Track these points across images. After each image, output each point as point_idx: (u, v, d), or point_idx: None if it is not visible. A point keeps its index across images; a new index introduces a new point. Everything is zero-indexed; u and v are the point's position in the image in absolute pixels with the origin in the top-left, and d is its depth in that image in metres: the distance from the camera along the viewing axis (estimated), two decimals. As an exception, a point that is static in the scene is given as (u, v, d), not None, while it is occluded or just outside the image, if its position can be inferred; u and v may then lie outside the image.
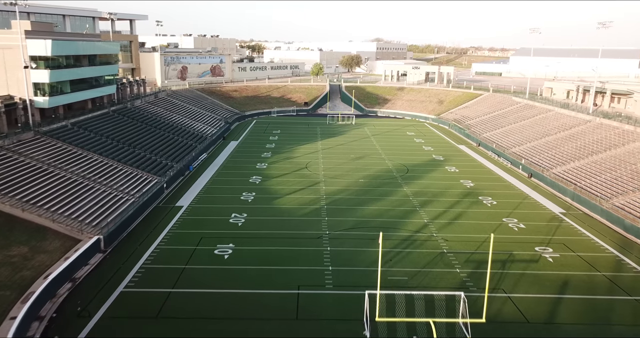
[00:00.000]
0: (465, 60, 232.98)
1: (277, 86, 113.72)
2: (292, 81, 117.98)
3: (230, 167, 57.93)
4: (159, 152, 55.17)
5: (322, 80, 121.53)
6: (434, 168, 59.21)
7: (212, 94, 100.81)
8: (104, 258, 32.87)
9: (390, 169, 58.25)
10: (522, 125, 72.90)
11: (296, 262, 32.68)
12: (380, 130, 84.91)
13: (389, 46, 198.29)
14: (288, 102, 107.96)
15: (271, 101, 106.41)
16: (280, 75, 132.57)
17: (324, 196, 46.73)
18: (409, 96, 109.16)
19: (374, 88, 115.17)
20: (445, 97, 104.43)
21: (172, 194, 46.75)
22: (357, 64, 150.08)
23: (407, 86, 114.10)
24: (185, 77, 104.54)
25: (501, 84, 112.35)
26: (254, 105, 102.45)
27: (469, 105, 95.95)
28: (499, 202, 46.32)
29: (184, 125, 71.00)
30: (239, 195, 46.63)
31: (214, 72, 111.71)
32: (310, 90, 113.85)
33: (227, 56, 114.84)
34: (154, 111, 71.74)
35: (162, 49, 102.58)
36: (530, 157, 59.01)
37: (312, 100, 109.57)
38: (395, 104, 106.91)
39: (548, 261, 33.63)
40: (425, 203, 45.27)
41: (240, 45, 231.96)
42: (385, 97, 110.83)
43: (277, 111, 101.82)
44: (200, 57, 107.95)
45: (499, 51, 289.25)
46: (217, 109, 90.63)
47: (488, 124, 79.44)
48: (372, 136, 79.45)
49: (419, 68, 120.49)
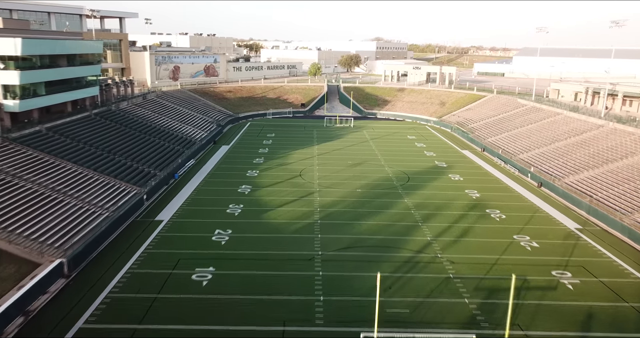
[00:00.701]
0: (467, 60, 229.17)
1: (273, 87, 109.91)
2: (289, 81, 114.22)
3: (219, 174, 54.11)
4: (142, 159, 51.35)
5: (320, 81, 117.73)
6: (436, 176, 55.41)
7: (205, 95, 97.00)
8: (67, 285, 29.07)
9: (389, 177, 54.45)
10: (529, 129, 69.08)
11: (284, 290, 28.88)
12: (379, 134, 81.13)
13: (389, 45, 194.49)
14: (284, 103, 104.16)
15: (267, 102, 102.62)
16: (277, 75, 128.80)
17: (318, 209, 42.95)
18: (410, 97, 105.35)
19: (374, 89, 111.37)
20: (447, 99, 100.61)
21: (153, 207, 42.94)
22: (356, 64, 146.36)
23: (408, 87, 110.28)
24: (178, 78, 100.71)
25: (505, 85, 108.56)
26: (249, 106, 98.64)
27: (472, 107, 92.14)
28: (509, 215, 42.53)
29: (172, 128, 67.19)
30: (225, 207, 42.83)
31: (208, 72, 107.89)
32: (308, 91, 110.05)
33: (222, 55, 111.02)
34: (141, 114, 67.91)
35: (153, 48, 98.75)
36: (539, 165, 55.22)
37: (309, 101, 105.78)
38: (395, 106, 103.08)
39: (567, 288, 29.85)
40: (428, 218, 41.48)
41: (237, 44, 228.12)
42: (384, 98, 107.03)
43: (273, 113, 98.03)
44: (193, 57, 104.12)
45: (500, 51, 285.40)
46: (210, 111, 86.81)
47: (493, 128, 75.61)
48: (371, 140, 75.66)
49: (420, 68, 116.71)
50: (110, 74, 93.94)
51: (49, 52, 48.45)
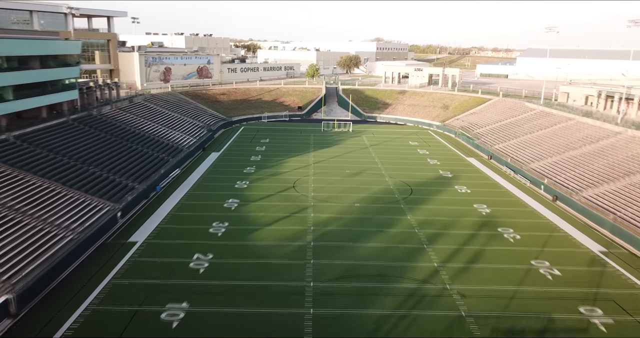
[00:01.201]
0: (469, 61, 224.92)
1: (269, 89, 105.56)
2: (285, 83, 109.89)
3: (205, 187, 49.74)
4: (121, 170, 47.00)
5: (318, 83, 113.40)
6: (441, 188, 51.05)
7: (197, 97, 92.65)
8: (12, 327, 24.76)
9: (391, 188, 50.10)
10: (540, 136, 64.74)
11: (268, 332, 24.56)
12: (379, 139, 76.79)
13: (390, 46, 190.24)
14: (280, 106, 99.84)
15: (262, 105, 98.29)
16: (274, 77, 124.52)
17: (312, 228, 38.59)
18: (411, 100, 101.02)
19: (374, 91, 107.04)
20: (450, 102, 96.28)
21: (127, 225, 38.58)
22: (355, 65, 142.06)
23: (409, 89, 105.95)
24: (169, 79, 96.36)
25: (510, 88, 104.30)
26: (243, 109, 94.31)
27: (477, 111, 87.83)
28: (524, 236, 38.18)
29: (158, 135, 62.83)
30: (208, 226, 38.49)
31: (201, 73, 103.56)
32: (305, 93, 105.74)
33: (216, 56, 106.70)
34: (125, 119, 63.57)
35: (143, 49, 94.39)
36: (553, 176, 50.86)
37: (306, 104, 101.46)
38: (396, 109, 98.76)
39: (600, 330, 25.52)
40: (434, 238, 37.13)
41: (235, 44, 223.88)
42: (385, 101, 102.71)
43: (268, 116, 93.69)
44: (185, 58, 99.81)
45: (502, 52, 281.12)
46: (201, 115, 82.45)
47: (500, 134, 71.27)
48: (371, 146, 71.32)
49: (422, 70, 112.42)
50: (99, 76, 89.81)
51: (15, 53, 44.10)
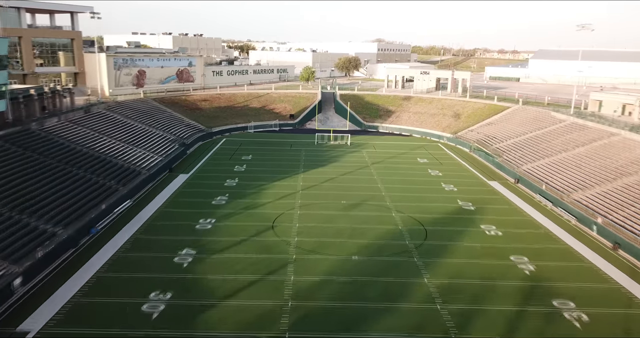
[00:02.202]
0: (474, 63, 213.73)
1: (257, 94, 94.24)
2: (276, 88, 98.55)
3: (156, 228, 38.32)
4: (43, 209, 35.62)
5: (313, 87, 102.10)
6: (464, 228, 39.66)
7: (174, 104, 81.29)
8: None
9: (399, 230, 38.72)
10: (578, 155, 53.38)
11: None
12: (382, 155, 65.47)
13: (391, 47, 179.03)
14: (270, 114, 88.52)
15: (249, 113, 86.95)
16: (266, 80, 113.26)
17: (289, 303, 27.17)
18: (417, 108, 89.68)
19: (375, 97, 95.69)
20: (462, 110, 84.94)
21: (27, 299, 27.15)
22: (355, 68, 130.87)
23: (415, 95, 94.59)
24: (143, 84, 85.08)
25: (525, 93, 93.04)
26: (227, 118, 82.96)
27: (494, 121, 76.49)
28: (593, 315, 26.71)
29: (113, 153, 51.47)
30: (144, 299, 27.06)
31: (181, 77, 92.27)
32: (298, 99, 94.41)
33: (198, 58, 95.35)
34: (73, 134, 52.24)
35: (112, 49, 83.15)
36: (608, 213, 39.45)
37: (299, 112, 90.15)
38: (400, 118, 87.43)
39: None
40: (464, 321, 25.74)
41: (228, 45, 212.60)
42: (388, 108, 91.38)
43: (255, 126, 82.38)
44: (162, 59, 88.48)
45: (509, 53, 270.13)
46: (175, 126, 71.08)
47: (526, 150, 59.92)
48: (372, 165, 60.00)
49: (429, 73, 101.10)
50: (63, 80, 78.67)
51: None
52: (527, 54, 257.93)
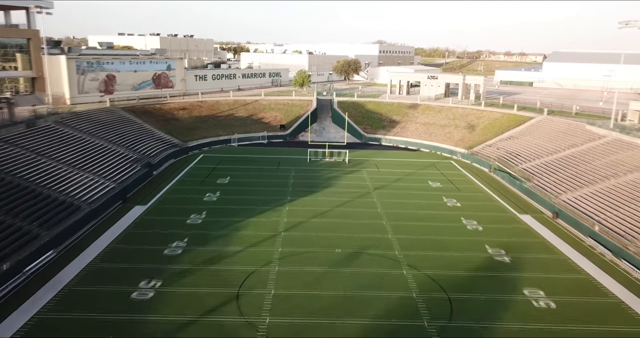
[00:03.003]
0: (481, 66, 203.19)
1: (244, 101, 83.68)
2: (266, 94, 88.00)
3: (76, 298, 27.58)
4: None
5: (308, 94, 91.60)
6: (500, 294, 28.92)
7: (146, 114, 70.71)
8: None
9: (413, 299, 27.99)
10: (634, 183, 42.64)
11: None
12: (386, 177, 54.86)
13: (394, 49, 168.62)
14: (257, 124, 77.97)
15: (233, 123, 76.40)
16: (257, 85, 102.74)
17: None
18: (425, 117, 79.07)
19: (377, 105, 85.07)
20: (477, 120, 74.31)
21: None
22: (355, 71, 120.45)
23: (422, 103, 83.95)
24: (113, 90, 74.55)
25: (540, 99, 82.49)
26: (207, 129, 72.36)
27: (515, 134, 65.86)
28: None
29: (46, 182, 40.85)
30: None
31: (158, 82, 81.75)
32: (291, 107, 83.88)
33: (178, 61, 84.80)
34: (3, 156, 41.65)
35: (75, 51, 72.67)
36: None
37: (291, 121, 79.59)
38: (406, 129, 76.80)
39: None
40: None
41: (221, 46, 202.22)
42: (392, 117, 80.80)
43: (240, 139, 71.80)
44: (136, 62, 77.94)
45: (516, 55, 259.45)
46: (143, 140, 60.53)
47: (562, 174, 49.26)
48: (375, 191, 49.38)
49: (437, 78, 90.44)
50: (22, 88, 68.25)
51: None
52: (535, 56, 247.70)
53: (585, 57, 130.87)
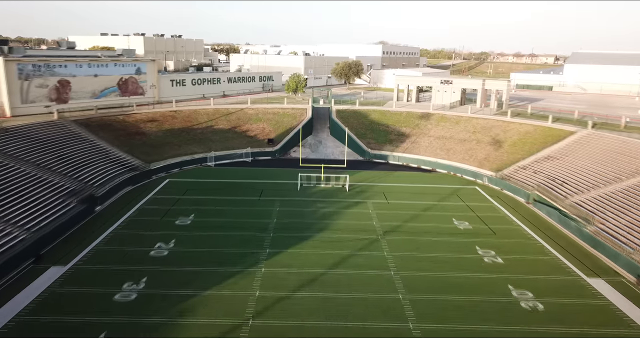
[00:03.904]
0: (490, 68, 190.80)
1: (227, 110, 71.39)
2: (254, 102, 75.70)
3: None
4: None
5: (303, 101, 79.38)
6: None
7: (104, 128, 58.42)
8: None
9: None
10: None
11: None
12: (398, 213, 42.45)
13: (398, 50, 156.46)
14: (241, 138, 65.71)
15: (212, 138, 64.15)
16: (245, 91, 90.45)
17: None
18: (440, 130, 66.72)
19: (382, 114, 72.69)
20: (503, 134, 61.92)
21: None
22: (356, 74, 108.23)
23: (435, 112, 71.55)
24: (67, 99, 62.33)
25: (565, 105, 70.06)
26: (179, 146, 60.09)
27: (554, 153, 53.43)
28: None
29: None
30: None
31: (125, 88, 69.47)
32: (282, 117, 71.64)
33: (150, 63, 72.43)
34: None
35: (18, 51, 60.31)
36: None
37: (281, 134, 67.33)
38: (418, 144, 64.43)
39: None
40: None
41: (212, 47, 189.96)
42: (400, 130, 68.44)
43: (218, 157, 59.52)
44: (97, 65, 65.63)
45: (525, 57, 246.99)
46: (90, 164, 48.18)
47: (636, 215, 36.77)
48: (385, 237, 37.02)
49: (452, 83, 78.00)
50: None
51: None
52: (546, 58, 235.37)
53: (610, 58, 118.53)
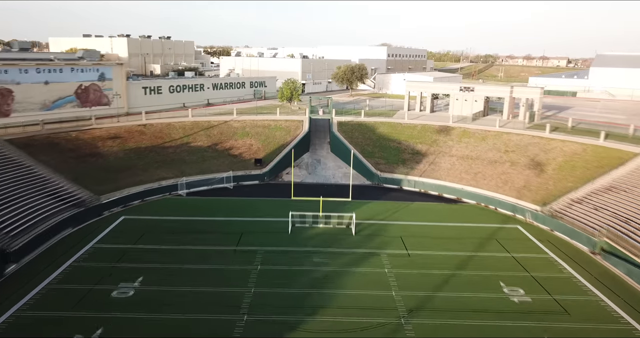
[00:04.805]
0: (501, 72, 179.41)
1: (208, 124, 59.96)
2: (241, 113, 64.31)
3: None
4: None
5: (299, 111, 68.04)
6: None
7: (49, 149, 46.91)
8: None
9: None
10: None
11: None
12: (425, 274, 30.89)
13: (404, 52, 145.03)
14: (223, 158, 54.27)
15: (187, 158, 52.69)
16: (234, 98, 79.00)
17: None
18: (464, 148, 55.20)
19: (393, 128, 61.20)
20: (544, 155, 50.31)
21: None
22: (360, 79, 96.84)
23: (456, 125, 60.03)
24: (9, 112, 50.95)
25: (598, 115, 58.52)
26: (145, 170, 48.55)
27: (618, 181, 41.78)
28: None
29: None
30: None
31: (85, 97, 58.07)
32: (274, 130, 60.28)
33: (116, 67, 60.96)
34: None
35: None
36: None
37: (272, 152, 55.92)
38: (437, 166, 52.89)
39: None
40: None
41: (205, 50, 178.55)
42: (414, 147, 56.94)
43: (192, 183, 48.04)
44: (47, 71, 54.19)
45: (536, 59, 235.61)
46: (14, 201, 36.59)
47: None
48: (411, 317, 25.39)
49: (473, 90, 66.43)
50: None
51: None
52: (558, 60, 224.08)
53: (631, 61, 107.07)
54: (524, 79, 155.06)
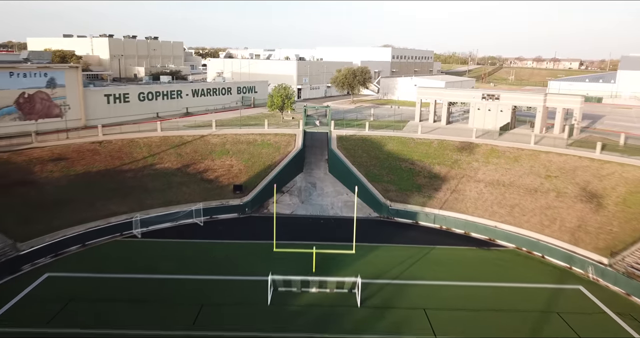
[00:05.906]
0: (512, 75, 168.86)
1: (181, 139, 49.42)
2: (222, 125, 53.86)
3: None
4: None
5: (291, 123, 57.64)
6: None
7: (-36, 177, 36.42)
8: None
9: None
10: None
11: None
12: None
13: (409, 54, 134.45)
14: (194, 184, 43.71)
15: (149, 185, 42.14)
16: (218, 107, 68.44)
17: None
18: (493, 171, 44.61)
19: (403, 144, 50.63)
20: (597, 182, 39.70)
21: None
22: (362, 84, 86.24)
23: (480, 141, 49.45)
24: None
25: None
26: (90, 204, 37.94)
27: None
28: None
29: None
30: None
31: (30, 109, 47.57)
32: (260, 147, 49.80)
33: (70, 71, 50.47)
34: None
35: None
36: None
37: (256, 176, 45.41)
38: (462, 194, 42.29)
39: None
40: None
41: (196, 51, 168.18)
42: (431, 169, 46.37)
43: (151, 220, 37.49)
44: (-22, 75, 43.67)
45: (547, 61, 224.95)
46: None
47: None
48: None
49: (498, 98, 55.84)
50: None
51: None
52: (569, 63, 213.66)
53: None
54: (537, 83, 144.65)
